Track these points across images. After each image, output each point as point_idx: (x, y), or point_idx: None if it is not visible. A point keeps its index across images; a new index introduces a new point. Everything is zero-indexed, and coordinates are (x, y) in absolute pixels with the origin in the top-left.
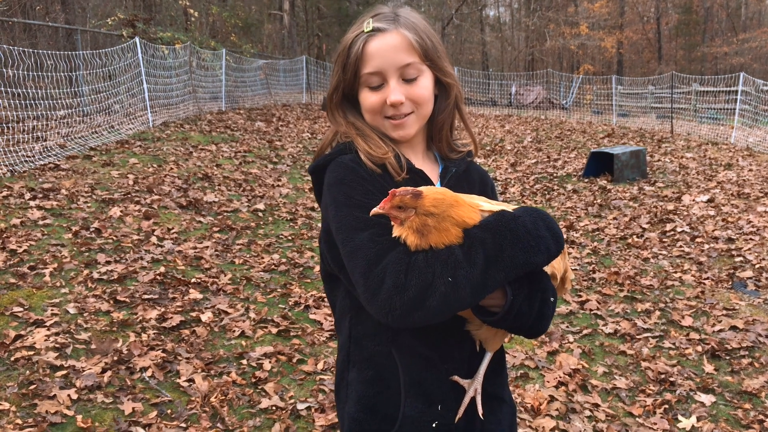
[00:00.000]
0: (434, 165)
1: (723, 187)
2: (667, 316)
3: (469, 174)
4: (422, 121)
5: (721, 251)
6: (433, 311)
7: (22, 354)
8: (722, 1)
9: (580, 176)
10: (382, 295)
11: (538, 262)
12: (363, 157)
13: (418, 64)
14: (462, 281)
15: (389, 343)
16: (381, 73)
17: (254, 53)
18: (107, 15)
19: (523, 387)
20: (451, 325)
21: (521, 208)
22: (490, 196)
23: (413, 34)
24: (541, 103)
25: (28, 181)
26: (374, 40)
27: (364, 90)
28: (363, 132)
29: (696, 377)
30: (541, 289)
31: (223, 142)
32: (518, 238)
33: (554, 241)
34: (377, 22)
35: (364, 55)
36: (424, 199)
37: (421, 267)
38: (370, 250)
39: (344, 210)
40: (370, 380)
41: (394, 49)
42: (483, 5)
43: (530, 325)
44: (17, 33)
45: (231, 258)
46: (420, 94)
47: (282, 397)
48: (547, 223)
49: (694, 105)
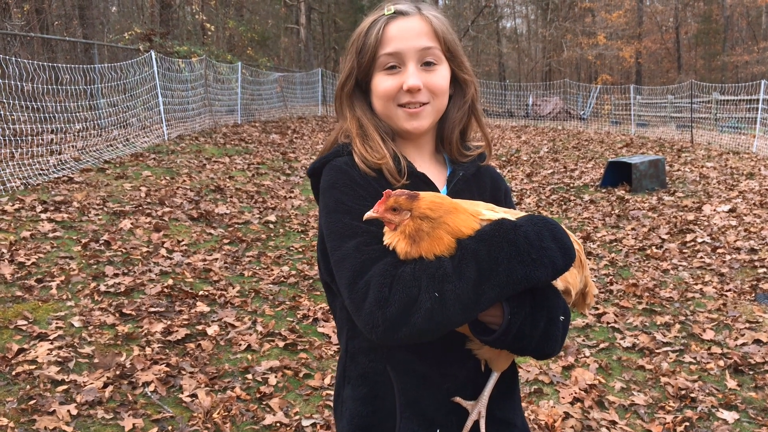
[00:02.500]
0: (442, 168)
1: (745, 196)
2: (688, 329)
3: (480, 177)
4: (437, 115)
5: (744, 262)
6: (419, 329)
7: (23, 368)
8: (742, 10)
9: (597, 186)
10: (365, 309)
11: (539, 278)
12: (357, 160)
13: (439, 51)
14: (450, 297)
15: (384, 360)
16: (399, 55)
17: (270, 66)
18: (125, 30)
19: (537, 403)
20: (452, 341)
21: (526, 216)
22: (502, 202)
23: (437, 21)
24: (558, 114)
25: (40, 194)
26: (396, 22)
27: (379, 74)
28: (365, 131)
29: (718, 393)
30: (547, 307)
31: (236, 154)
32: (517, 250)
33: (561, 254)
34: (399, 6)
35: (384, 36)
36: (421, 201)
37: (407, 280)
38: (355, 260)
39: (334, 216)
40: (364, 398)
41: (416, 31)
42: (499, 16)
43: (534, 346)
44: (36, 48)
45: (240, 270)
46: (438, 83)
47: (287, 413)
48: (554, 233)
49: (714, 114)
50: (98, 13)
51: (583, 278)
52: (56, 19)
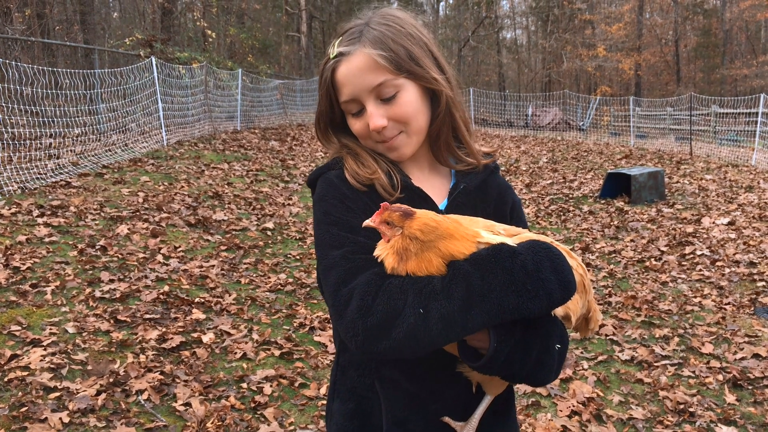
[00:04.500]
0: (445, 179)
1: (744, 209)
2: (687, 342)
3: (486, 189)
4: (418, 136)
5: (743, 275)
6: (400, 343)
7: (15, 375)
8: (741, 23)
9: (596, 197)
10: (347, 317)
11: (533, 310)
12: (348, 176)
13: (393, 81)
14: (435, 315)
15: (373, 375)
16: (356, 99)
17: (271, 74)
18: (126, 35)
19: (534, 416)
20: (443, 361)
21: (528, 242)
22: (508, 215)
23: (378, 50)
24: (557, 125)
25: (38, 198)
26: (341, 66)
27: (348, 117)
28: (354, 151)
29: (717, 408)
30: (541, 334)
31: (235, 160)
32: (512, 279)
33: (560, 287)
34: (341, 44)
35: (336, 83)
36: (414, 221)
37: (393, 292)
38: (341, 268)
39: (322, 227)
40: (351, 413)
41: (360, 72)
42: (499, 27)
43: (526, 374)
44: (36, 52)
45: (237, 277)
46: (402, 111)
47: (281, 423)
48: (554, 264)
49: (713, 127)
50: (100, 18)
51: (585, 303)
52: (57, 23)
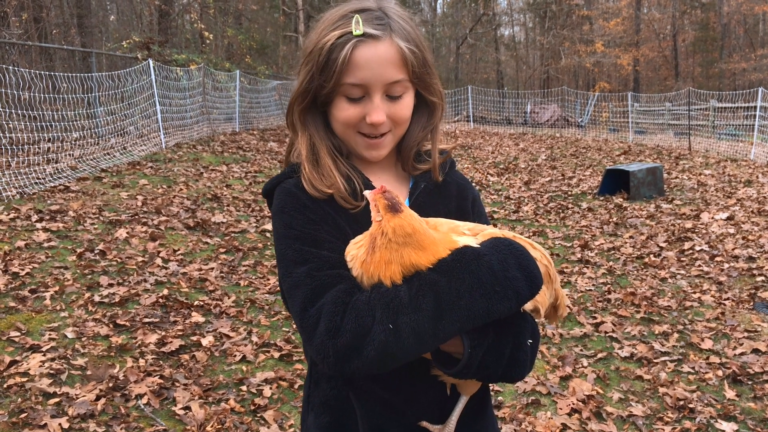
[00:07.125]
0: (404, 180)
1: (743, 204)
2: (686, 338)
3: (446, 187)
4: (397, 140)
5: (742, 270)
6: (373, 361)
7: (15, 380)
8: (739, 17)
9: (595, 194)
10: (316, 339)
11: (502, 311)
12: (305, 185)
13: (406, 81)
14: (405, 329)
15: (346, 386)
16: (365, 87)
17: (269, 74)
18: (123, 38)
19: (534, 414)
20: (416, 366)
21: (491, 241)
22: (469, 210)
23: (411, 46)
24: (556, 122)
25: (36, 203)
26: (364, 48)
27: (340, 99)
28: (316, 154)
29: (717, 404)
30: (513, 333)
31: (234, 162)
32: (479, 282)
33: (527, 283)
34: (368, 25)
35: (351, 63)
36: (392, 219)
37: (360, 309)
38: (307, 287)
39: (284, 241)
40: (326, 426)
41: (386, 62)
42: (497, 25)
43: (501, 374)
44: (34, 56)
45: (236, 280)
46: (402, 114)
47: (281, 425)
48: (519, 260)
49: (712, 121)
50: (97, 21)
51: (553, 293)
52: (54, 27)
